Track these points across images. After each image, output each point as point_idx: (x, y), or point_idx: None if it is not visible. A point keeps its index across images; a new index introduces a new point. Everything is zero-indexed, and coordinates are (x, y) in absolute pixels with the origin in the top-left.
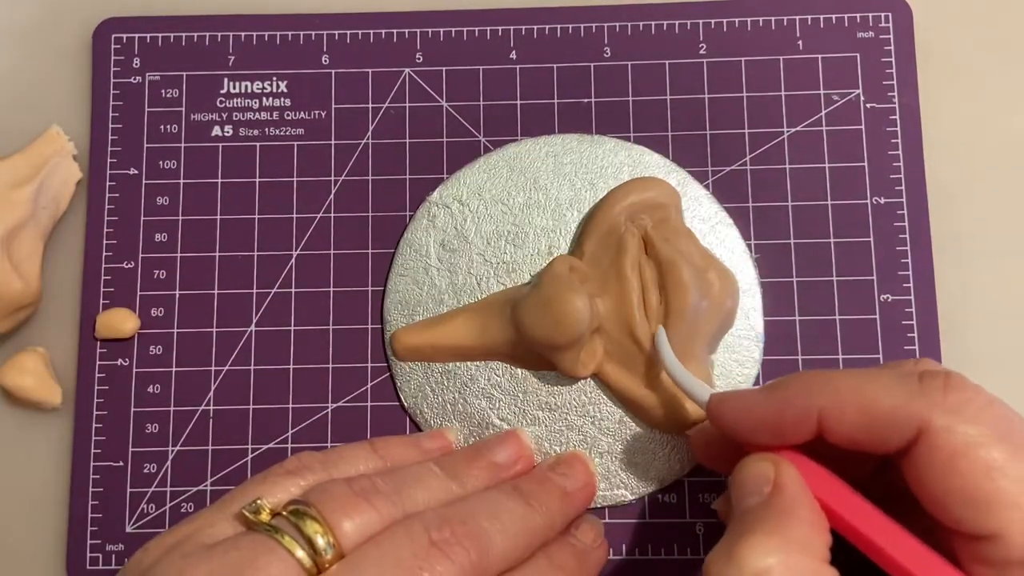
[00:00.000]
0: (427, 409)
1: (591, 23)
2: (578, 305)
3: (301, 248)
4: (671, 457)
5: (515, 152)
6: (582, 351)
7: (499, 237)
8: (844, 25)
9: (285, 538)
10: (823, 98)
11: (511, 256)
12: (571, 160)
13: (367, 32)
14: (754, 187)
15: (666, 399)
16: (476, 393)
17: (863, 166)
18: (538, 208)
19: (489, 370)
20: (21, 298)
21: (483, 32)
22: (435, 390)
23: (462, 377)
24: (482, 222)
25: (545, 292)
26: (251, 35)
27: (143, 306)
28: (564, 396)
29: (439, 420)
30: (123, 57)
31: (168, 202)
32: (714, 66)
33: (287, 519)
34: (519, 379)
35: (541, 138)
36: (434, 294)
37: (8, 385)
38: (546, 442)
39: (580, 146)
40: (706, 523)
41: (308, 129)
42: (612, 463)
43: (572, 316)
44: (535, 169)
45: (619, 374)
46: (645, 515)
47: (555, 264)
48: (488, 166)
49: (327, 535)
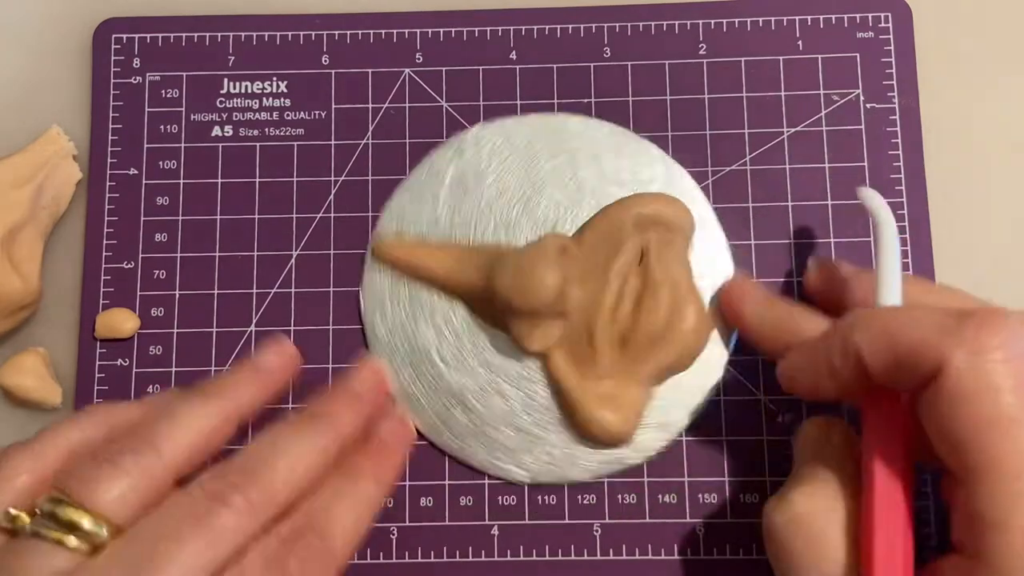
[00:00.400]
0: (380, 323)
1: (591, 23)
2: (547, 279)
3: (301, 248)
4: (580, 460)
5: (565, 122)
6: (538, 327)
7: (513, 195)
8: (844, 25)
9: (52, 533)
10: (823, 98)
11: (516, 217)
12: (611, 155)
13: (367, 32)
14: (754, 187)
15: (594, 409)
16: (428, 322)
17: (863, 166)
18: (561, 182)
19: (450, 308)
20: (21, 298)
21: (483, 32)
22: (393, 307)
23: (423, 304)
24: (505, 174)
25: (525, 256)
26: (251, 35)
27: (143, 306)
28: (506, 362)
29: (388, 337)
30: (123, 57)
31: (168, 202)
32: (714, 66)
33: (45, 516)
34: (473, 329)
35: (595, 121)
36: (431, 220)
37: (8, 385)
38: (472, 397)
39: (625, 145)
40: (706, 523)
41: (308, 129)
42: (523, 441)
43: (537, 286)
44: (575, 146)
45: (564, 365)
46: (645, 515)
47: (547, 237)
48: (535, 125)
49: (89, 516)
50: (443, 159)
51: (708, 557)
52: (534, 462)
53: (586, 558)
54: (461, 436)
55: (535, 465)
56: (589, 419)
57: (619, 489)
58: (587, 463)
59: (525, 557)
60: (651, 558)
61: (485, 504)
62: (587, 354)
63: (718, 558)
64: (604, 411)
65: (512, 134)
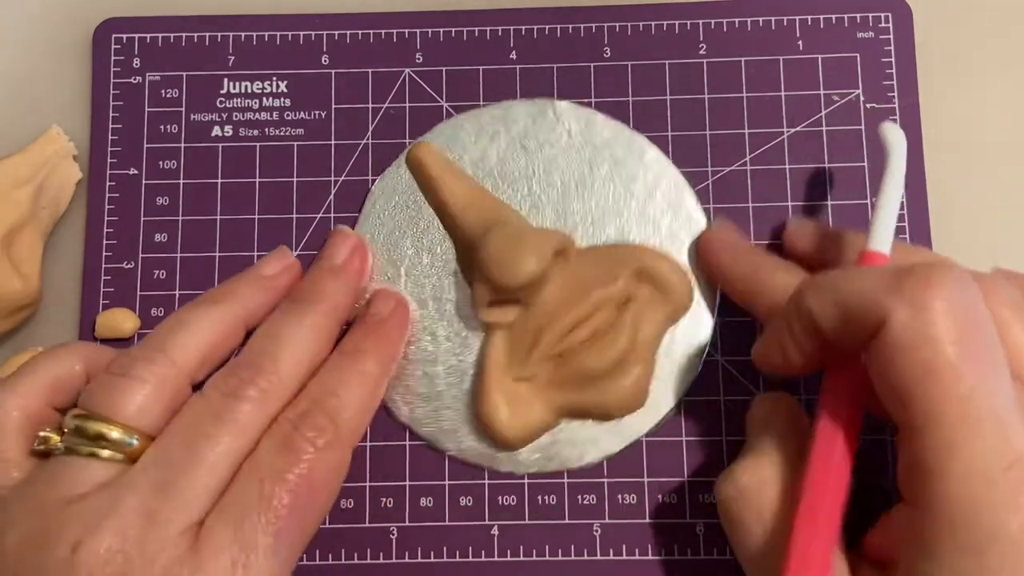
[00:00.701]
0: (371, 214)
1: (591, 23)
2: (528, 266)
3: (301, 248)
4: (468, 439)
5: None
6: (497, 302)
7: (561, 179)
8: (844, 25)
9: (82, 448)
10: (823, 98)
11: (547, 200)
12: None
13: (367, 32)
14: (754, 187)
15: (494, 396)
16: (413, 237)
17: (863, 166)
18: (585, 185)
19: (442, 239)
20: (21, 298)
21: (483, 32)
22: (391, 208)
23: (418, 219)
24: (565, 159)
25: (525, 234)
26: (251, 35)
27: (143, 306)
28: (455, 311)
29: (372, 230)
30: (123, 57)
31: (168, 202)
32: (714, 66)
33: (73, 433)
34: (447, 264)
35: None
36: (478, 156)
37: None
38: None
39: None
40: (706, 523)
41: (308, 129)
42: (427, 388)
43: (516, 266)
44: (640, 174)
45: (499, 345)
46: (645, 515)
47: (555, 232)
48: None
49: (115, 427)
50: (519, 112)
51: (708, 557)
52: (425, 417)
53: (586, 558)
54: None
55: (428, 424)
56: (484, 401)
57: (619, 489)
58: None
59: (525, 557)
60: (651, 558)
61: (485, 504)
62: (524, 352)
63: (718, 558)
64: (502, 403)
65: (594, 127)
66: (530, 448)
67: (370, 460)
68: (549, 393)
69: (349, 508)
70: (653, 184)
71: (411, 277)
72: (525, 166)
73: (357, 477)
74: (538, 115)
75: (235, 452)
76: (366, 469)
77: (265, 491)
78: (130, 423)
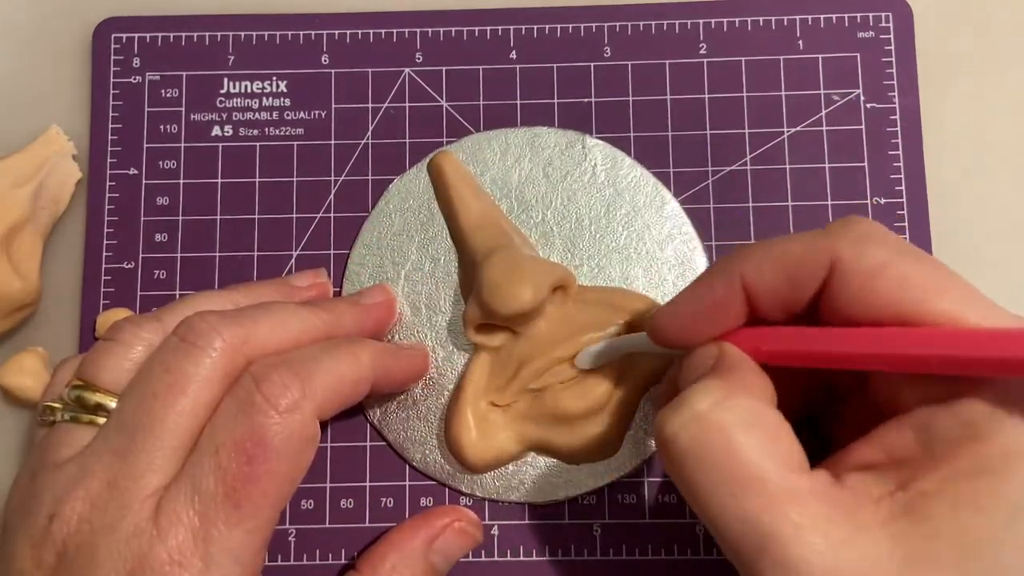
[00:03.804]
0: (384, 212)
1: (591, 23)
2: (524, 296)
3: (301, 248)
4: (433, 453)
5: (664, 200)
6: (487, 325)
7: (577, 212)
8: (844, 25)
9: (84, 416)
10: (823, 98)
11: (559, 232)
12: (663, 229)
13: (367, 32)
14: (754, 187)
15: (465, 416)
16: (420, 243)
17: (863, 166)
18: (601, 228)
19: (446, 248)
20: (21, 298)
21: (483, 32)
22: (404, 209)
23: (428, 226)
24: (586, 194)
25: (527, 264)
26: (251, 35)
27: (143, 306)
28: (446, 325)
29: (381, 227)
30: (123, 57)
31: (168, 202)
32: (714, 66)
33: (70, 401)
34: (447, 276)
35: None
36: (498, 175)
37: (8, 385)
38: (396, 326)
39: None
40: None
41: (308, 129)
42: (403, 410)
43: (512, 296)
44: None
45: (480, 368)
46: (645, 515)
47: (559, 267)
48: (639, 178)
49: (103, 394)
50: (548, 140)
51: (708, 557)
52: (396, 423)
53: (586, 558)
54: None
55: (396, 430)
56: (455, 419)
57: (619, 489)
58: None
59: (525, 557)
60: (651, 558)
61: (485, 504)
62: (504, 379)
63: (718, 558)
64: (472, 425)
65: (620, 169)
66: (494, 473)
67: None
68: (521, 425)
69: (350, 508)
70: (667, 238)
71: (410, 281)
72: (545, 194)
73: (353, 478)
74: (567, 146)
75: (193, 411)
76: (366, 472)
77: (222, 460)
78: (112, 388)
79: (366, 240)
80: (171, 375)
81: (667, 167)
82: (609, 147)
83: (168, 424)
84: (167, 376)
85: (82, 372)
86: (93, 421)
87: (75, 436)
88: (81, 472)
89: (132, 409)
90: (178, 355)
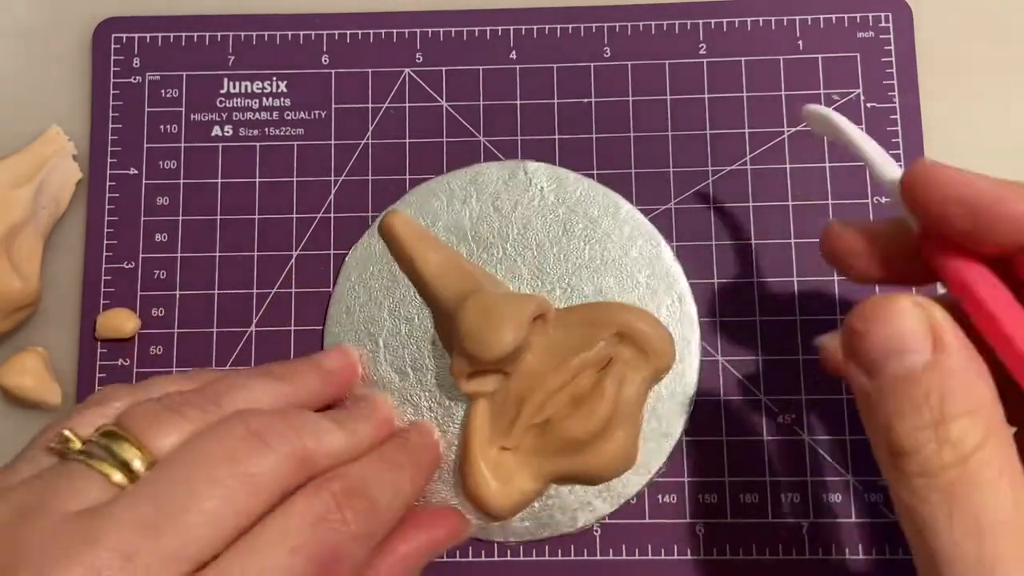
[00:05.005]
0: (347, 286)
1: (591, 23)
2: (507, 338)
3: (301, 248)
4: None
5: (619, 205)
6: (477, 372)
7: (537, 240)
8: (844, 25)
9: (100, 464)
10: (823, 98)
11: (524, 261)
12: (623, 232)
13: (367, 32)
14: (754, 187)
15: (480, 467)
16: (390, 307)
17: (863, 166)
18: (559, 252)
19: (417, 305)
20: (21, 298)
21: (483, 32)
22: (369, 277)
23: (393, 289)
24: (539, 219)
25: (501, 304)
26: (251, 35)
27: (143, 306)
28: (436, 380)
29: (348, 301)
30: (123, 57)
31: (168, 202)
32: (714, 66)
33: (98, 444)
34: (425, 332)
35: (643, 220)
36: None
37: (8, 385)
38: (390, 396)
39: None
40: (706, 523)
41: (308, 129)
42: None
43: (495, 340)
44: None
45: (480, 416)
46: (645, 515)
47: (532, 298)
48: (589, 192)
49: (142, 454)
50: (490, 175)
51: (708, 557)
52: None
53: (586, 558)
54: None
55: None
56: (470, 474)
57: None
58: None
59: (525, 557)
60: (651, 558)
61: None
62: (507, 421)
63: (718, 558)
64: (490, 477)
65: (566, 186)
66: (520, 516)
67: None
68: (536, 461)
69: None
70: (628, 240)
71: (389, 348)
72: (500, 228)
73: None
74: (510, 176)
75: (246, 510)
76: None
77: (295, 563)
78: (157, 456)
79: (336, 318)
80: (236, 466)
81: (667, 167)
82: (550, 167)
83: (215, 512)
84: (229, 466)
85: (126, 423)
86: (109, 476)
87: (88, 486)
88: (88, 537)
89: (176, 485)
90: (248, 449)
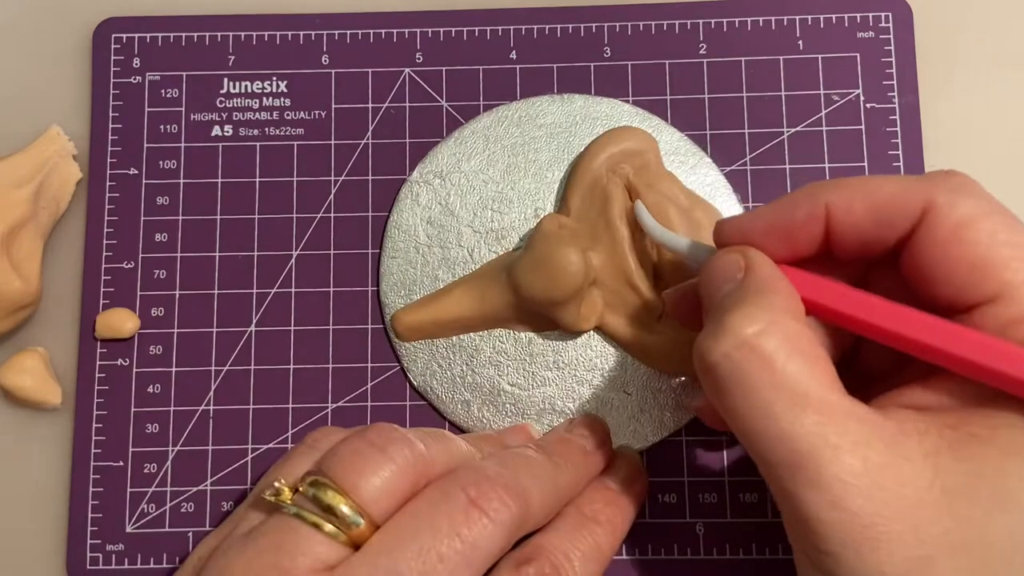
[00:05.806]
0: (437, 385)
1: (591, 23)
2: (572, 258)
3: (301, 248)
4: (680, 404)
5: (488, 122)
6: (582, 305)
7: (484, 206)
8: (844, 25)
9: (309, 515)
10: (823, 98)
11: (499, 223)
12: (544, 122)
13: (367, 32)
14: (754, 187)
15: (671, 340)
16: (483, 363)
17: (863, 166)
18: (519, 172)
19: (494, 338)
20: (21, 298)
21: (483, 32)
22: (442, 365)
23: (467, 349)
24: (465, 194)
25: (538, 251)
26: (251, 35)
27: (143, 306)
28: (570, 353)
29: (450, 395)
30: (123, 57)
31: (168, 202)
32: (714, 66)
33: (305, 495)
34: (523, 343)
35: (512, 104)
36: (428, 271)
37: (8, 385)
38: (559, 400)
39: (551, 107)
40: (706, 523)
41: (308, 129)
42: (622, 415)
43: (567, 270)
44: (510, 135)
45: (621, 324)
46: (645, 515)
47: (544, 223)
48: (462, 139)
49: (348, 500)
50: (405, 213)
51: (708, 557)
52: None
53: None
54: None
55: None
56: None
57: None
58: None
59: None
60: (651, 558)
61: None
62: (635, 302)
63: (718, 558)
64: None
65: (449, 157)
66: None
67: None
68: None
69: None
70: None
71: (524, 387)
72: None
73: None
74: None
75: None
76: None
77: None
78: (363, 502)
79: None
80: (461, 543)
81: None
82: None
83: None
84: (456, 543)
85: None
86: (318, 525)
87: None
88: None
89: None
90: (470, 521)
